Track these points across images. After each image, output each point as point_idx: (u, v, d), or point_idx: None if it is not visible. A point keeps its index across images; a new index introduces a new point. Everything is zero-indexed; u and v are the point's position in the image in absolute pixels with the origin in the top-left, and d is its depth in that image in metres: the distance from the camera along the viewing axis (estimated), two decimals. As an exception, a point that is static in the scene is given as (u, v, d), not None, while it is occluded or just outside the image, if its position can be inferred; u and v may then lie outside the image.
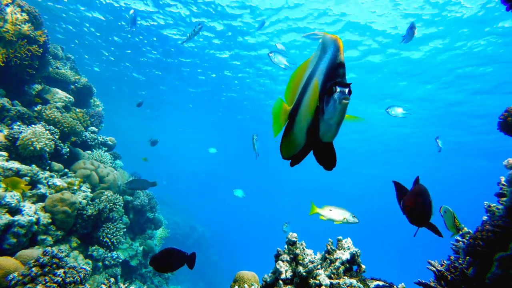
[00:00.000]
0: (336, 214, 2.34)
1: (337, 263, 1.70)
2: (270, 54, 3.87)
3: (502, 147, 12.91)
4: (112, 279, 2.35)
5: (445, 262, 1.70)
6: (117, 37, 9.60)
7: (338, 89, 0.77)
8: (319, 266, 1.64)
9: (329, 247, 1.80)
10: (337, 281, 1.59)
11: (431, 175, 19.98)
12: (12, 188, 2.79)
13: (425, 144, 14.56)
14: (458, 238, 1.88)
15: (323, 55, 0.88)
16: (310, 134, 0.90)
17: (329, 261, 1.75)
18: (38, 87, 4.51)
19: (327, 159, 0.92)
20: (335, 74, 0.80)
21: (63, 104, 4.61)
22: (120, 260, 4.26)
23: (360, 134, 15.25)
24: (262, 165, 27.83)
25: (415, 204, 1.20)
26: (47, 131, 3.73)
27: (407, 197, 1.24)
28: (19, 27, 3.81)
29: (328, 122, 0.80)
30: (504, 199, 1.75)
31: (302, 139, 0.94)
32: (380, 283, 1.69)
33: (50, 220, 3.27)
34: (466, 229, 1.89)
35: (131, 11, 5.55)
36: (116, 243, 4.11)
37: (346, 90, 0.76)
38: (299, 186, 33.79)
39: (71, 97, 4.80)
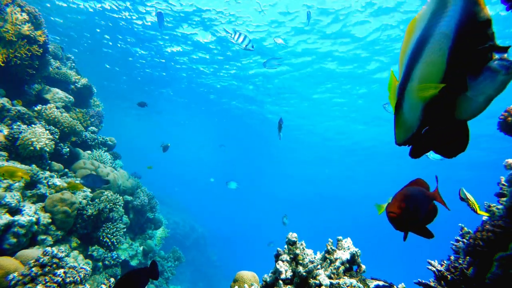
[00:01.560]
0: None
1: (337, 263, 1.70)
2: (264, 65, 4.03)
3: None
4: (112, 279, 2.35)
5: (445, 262, 1.70)
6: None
7: (496, 55, 0.57)
8: (319, 266, 1.64)
9: (329, 247, 1.80)
10: (337, 281, 1.59)
11: (431, 175, 19.94)
12: (9, 178, 2.73)
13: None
14: (458, 238, 1.88)
15: (442, 10, 0.67)
16: (432, 113, 0.72)
17: (329, 261, 1.75)
18: (38, 87, 4.51)
19: (456, 141, 0.73)
20: (481, 36, 0.58)
21: (63, 104, 4.61)
22: (120, 260, 4.26)
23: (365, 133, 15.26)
24: (263, 166, 27.86)
25: (399, 209, 1.12)
26: (47, 131, 3.73)
27: (390, 203, 1.16)
28: (19, 27, 3.81)
29: (475, 98, 0.62)
30: (504, 199, 1.75)
31: (414, 121, 0.77)
32: (380, 283, 1.69)
33: (50, 220, 3.27)
34: (466, 229, 1.89)
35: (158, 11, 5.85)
36: (116, 243, 4.11)
37: (506, 56, 0.57)
38: (300, 188, 33.81)
39: (71, 97, 4.80)
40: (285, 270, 1.70)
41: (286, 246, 1.81)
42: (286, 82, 11.13)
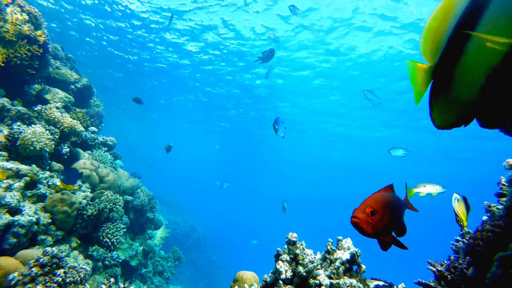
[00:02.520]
0: (430, 188, 2.75)
1: (337, 263, 1.70)
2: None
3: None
4: (112, 279, 2.35)
5: (445, 262, 1.70)
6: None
7: None
8: (319, 266, 1.64)
9: (329, 247, 1.80)
10: (337, 281, 1.59)
11: (429, 174, 19.97)
12: None
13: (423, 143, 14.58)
14: (458, 238, 1.88)
15: None
16: (503, 77, 0.69)
17: (329, 261, 1.75)
18: (38, 87, 4.51)
19: None
20: None
21: (63, 104, 4.61)
22: (120, 260, 4.26)
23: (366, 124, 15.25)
24: (264, 167, 27.85)
25: (363, 214, 1.03)
26: (47, 131, 3.73)
27: (357, 207, 1.07)
28: (19, 27, 3.81)
29: None
30: (504, 199, 1.75)
31: (472, 93, 0.75)
32: (380, 283, 1.69)
33: (50, 220, 3.27)
34: (466, 229, 1.89)
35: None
36: (116, 243, 4.11)
37: None
38: (301, 189, 33.80)
39: (71, 97, 4.80)
40: (285, 270, 1.70)
41: (286, 246, 1.81)
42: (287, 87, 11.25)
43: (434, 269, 1.61)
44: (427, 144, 14.70)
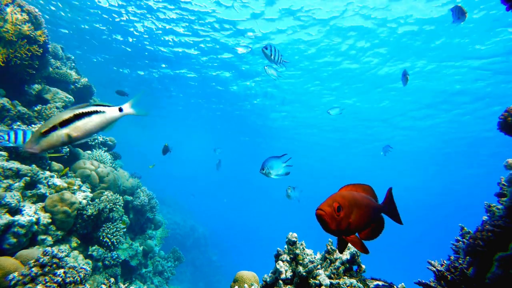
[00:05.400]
0: None
1: (337, 263, 1.70)
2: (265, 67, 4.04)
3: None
4: (112, 279, 2.35)
5: (445, 262, 1.70)
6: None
7: None
8: (319, 266, 1.64)
9: (329, 247, 1.80)
10: (337, 281, 1.59)
11: (429, 176, 19.98)
12: None
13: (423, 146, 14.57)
14: (458, 238, 1.88)
15: None
16: None
17: (329, 261, 1.75)
18: (38, 87, 4.51)
19: None
20: None
21: (63, 104, 4.61)
22: (120, 260, 4.26)
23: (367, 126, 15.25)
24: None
25: (330, 208, 0.99)
26: (47, 131, 3.72)
27: (325, 201, 1.02)
28: (19, 27, 3.80)
29: None
30: (504, 199, 1.75)
31: None
32: (380, 283, 1.69)
33: (50, 220, 3.27)
34: (466, 229, 1.89)
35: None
36: (116, 243, 4.11)
37: None
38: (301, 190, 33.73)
39: (71, 97, 4.80)
40: (285, 270, 1.70)
41: (286, 246, 1.81)
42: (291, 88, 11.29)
43: (434, 269, 1.61)
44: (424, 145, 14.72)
